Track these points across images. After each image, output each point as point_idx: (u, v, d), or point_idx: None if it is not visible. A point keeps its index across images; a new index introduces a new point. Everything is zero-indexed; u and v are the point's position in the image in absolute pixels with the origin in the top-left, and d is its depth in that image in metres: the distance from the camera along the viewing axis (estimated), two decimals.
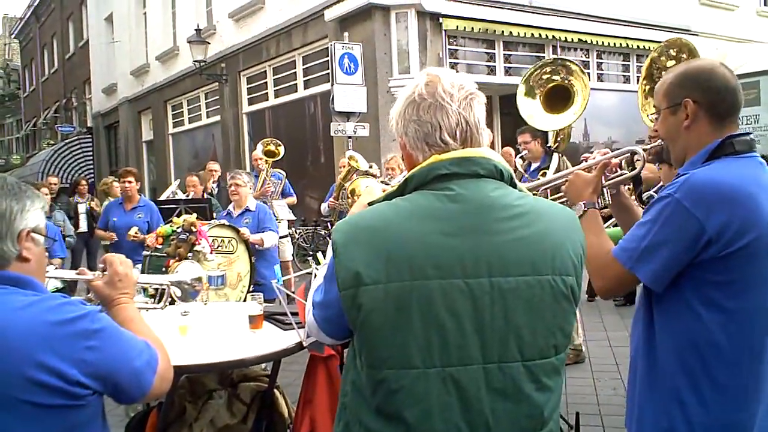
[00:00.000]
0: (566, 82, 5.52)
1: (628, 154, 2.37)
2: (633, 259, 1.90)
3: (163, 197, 9.35)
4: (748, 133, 1.97)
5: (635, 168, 2.37)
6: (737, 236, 1.78)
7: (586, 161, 2.43)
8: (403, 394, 1.44)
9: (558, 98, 5.53)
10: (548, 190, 2.70)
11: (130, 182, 6.94)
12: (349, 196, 6.79)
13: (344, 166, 8.04)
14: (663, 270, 1.86)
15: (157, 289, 2.78)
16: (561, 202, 2.65)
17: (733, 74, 1.97)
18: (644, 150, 2.34)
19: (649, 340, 1.98)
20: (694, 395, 1.85)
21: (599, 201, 2.29)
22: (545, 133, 5.94)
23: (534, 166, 6.01)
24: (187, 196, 8.81)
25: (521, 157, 6.15)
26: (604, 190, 2.32)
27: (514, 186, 1.57)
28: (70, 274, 2.37)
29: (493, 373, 1.44)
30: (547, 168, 5.78)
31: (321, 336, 1.65)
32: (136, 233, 6.60)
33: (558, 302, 1.48)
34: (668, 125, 2.03)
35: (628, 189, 2.59)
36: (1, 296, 1.55)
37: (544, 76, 5.55)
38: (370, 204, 1.61)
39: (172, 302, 2.60)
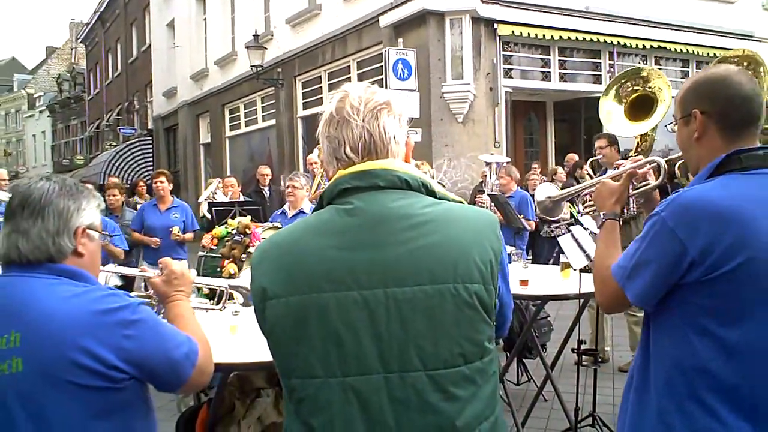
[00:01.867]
0: (651, 91, 5.40)
1: (655, 165, 2.32)
2: (624, 276, 1.85)
3: (202, 197, 9.54)
4: (763, 147, 1.83)
5: (667, 176, 2.33)
6: (724, 259, 1.68)
7: (617, 169, 2.39)
8: (308, 403, 1.49)
9: (641, 106, 5.42)
10: (586, 198, 2.69)
11: (162, 182, 7.13)
12: None
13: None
14: (647, 290, 1.80)
15: (212, 290, 2.89)
16: (593, 210, 2.65)
17: (752, 81, 1.87)
18: (667, 160, 2.29)
19: (644, 359, 1.91)
20: (680, 418, 1.77)
21: (624, 210, 2.25)
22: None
23: (609, 172, 5.96)
24: (225, 196, 8.97)
25: (596, 161, 6.11)
26: (631, 199, 2.28)
27: (432, 193, 1.57)
28: (132, 271, 2.54)
29: (394, 383, 1.44)
30: None
31: None
32: (178, 233, 6.77)
33: (461, 311, 1.46)
34: (682, 137, 1.95)
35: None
36: (54, 286, 1.70)
37: (631, 85, 5.43)
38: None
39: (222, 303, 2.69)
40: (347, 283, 1.46)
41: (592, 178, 5.80)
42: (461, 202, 1.62)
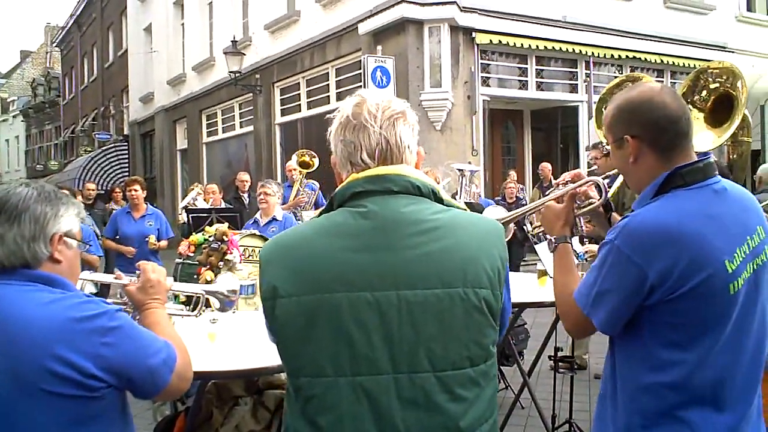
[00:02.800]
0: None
1: (593, 183, 2.30)
2: (588, 305, 1.84)
3: (183, 203, 9.49)
4: (702, 159, 1.85)
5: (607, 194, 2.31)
6: (682, 279, 1.70)
7: (558, 188, 2.37)
8: (316, 401, 1.51)
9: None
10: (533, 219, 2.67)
11: (135, 191, 7.06)
12: None
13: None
14: (612, 317, 1.80)
15: (188, 297, 2.87)
16: (542, 232, 2.63)
17: (675, 98, 1.87)
18: (604, 178, 2.29)
19: (612, 378, 1.91)
20: None
21: (574, 231, 2.23)
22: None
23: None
24: (206, 203, 8.93)
25: (591, 172, 6.11)
26: (577, 219, 2.27)
27: (440, 201, 1.61)
28: (107, 278, 2.50)
29: (403, 383, 1.48)
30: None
31: (272, 340, 1.72)
32: (154, 242, 6.73)
33: (470, 315, 1.51)
34: (617, 159, 1.96)
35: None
36: (29, 292, 1.68)
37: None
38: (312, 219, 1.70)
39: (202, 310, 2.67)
40: (360, 285, 1.49)
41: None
42: (465, 210, 1.66)
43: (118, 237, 7.16)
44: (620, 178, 5.35)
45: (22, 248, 1.70)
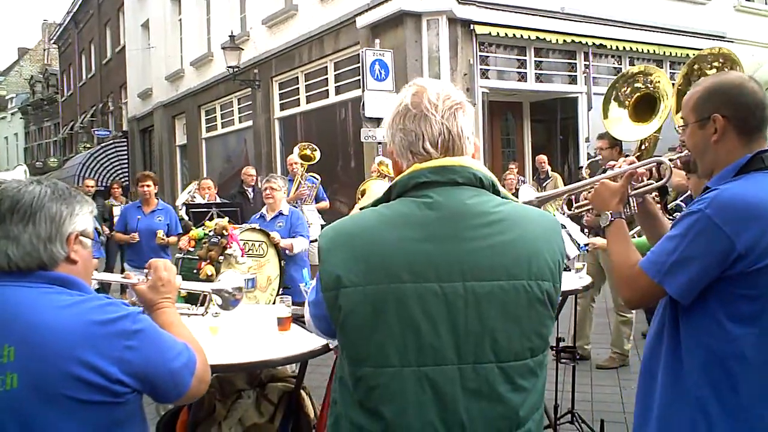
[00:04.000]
0: (651, 89, 5.36)
1: (654, 164, 2.37)
2: (662, 272, 1.91)
3: (180, 200, 9.48)
4: None
5: (662, 177, 2.37)
6: (766, 252, 1.80)
7: (612, 170, 2.42)
8: (380, 391, 1.51)
9: (645, 107, 5.41)
10: (574, 198, 2.71)
11: (148, 186, 7.05)
12: (360, 196, 6.86)
13: (375, 172, 8.11)
14: (691, 284, 1.87)
15: (189, 293, 2.85)
16: (586, 211, 2.68)
17: (762, 89, 1.97)
18: (670, 160, 2.33)
19: (674, 352, 1.97)
20: (719, 406, 1.85)
21: (625, 210, 2.29)
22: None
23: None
24: (202, 198, 8.93)
25: (596, 162, 6.15)
26: (630, 199, 2.32)
27: (498, 193, 1.62)
28: (116, 278, 2.45)
29: (467, 374, 1.50)
30: None
31: (317, 332, 1.75)
32: (163, 236, 6.74)
33: (533, 307, 1.53)
34: (696, 139, 2.04)
35: (654, 197, 2.59)
36: (48, 295, 1.62)
37: (629, 88, 5.42)
38: (361, 209, 1.68)
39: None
40: (428, 275, 1.49)
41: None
42: (518, 203, 1.68)
43: (126, 233, 7.15)
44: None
45: (38, 249, 1.65)
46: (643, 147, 5.73)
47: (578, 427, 4.38)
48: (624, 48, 13.41)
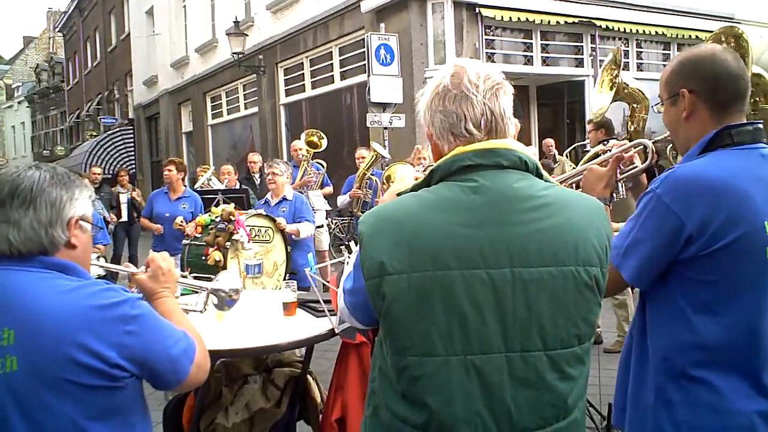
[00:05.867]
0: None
1: (641, 147, 2.31)
2: (620, 256, 1.84)
3: (197, 185, 9.49)
4: (753, 123, 1.85)
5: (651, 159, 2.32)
6: (720, 233, 1.70)
7: (602, 155, 2.39)
8: (425, 381, 1.47)
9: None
10: (573, 186, 2.69)
11: (169, 170, 7.09)
12: (384, 182, 6.82)
13: (361, 158, 8.08)
14: (643, 267, 1.81)
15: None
16: None
17: (737, 59, 1.86)
18: (654, 142, 2.28)
19: (641, 339, 1.92)
20: (681, 395, 1.79)
21: (614, 195, 2.25)
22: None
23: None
24: (221, 183, 8.94)
25: (582, 146, 6.21)
26: (619, 183, 2.28)
27: (540, 176, 1.57)
28: (116, 267, 2.47)
29: (515, 362, 1.46)
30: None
31: (353, 321, 1.70)
32: (181, 222, 6.76)
33: (581, 293, 1.48)
34: (669, 117, 1.95)
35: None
36: (47, 280, 1.62)
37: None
38: (399, 194, 1.62)
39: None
40: (475, 261, 1.45)
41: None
42: (560, 186, 1.63)
43: (152, 218, 7.19)
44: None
45: (39, 234, 1.64)
46: (631, 129, 5.72)
47: (586, 411, 4.37)
48: (631, 30, 13.30)
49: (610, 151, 2.39)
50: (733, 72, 1.83)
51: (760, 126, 1.86)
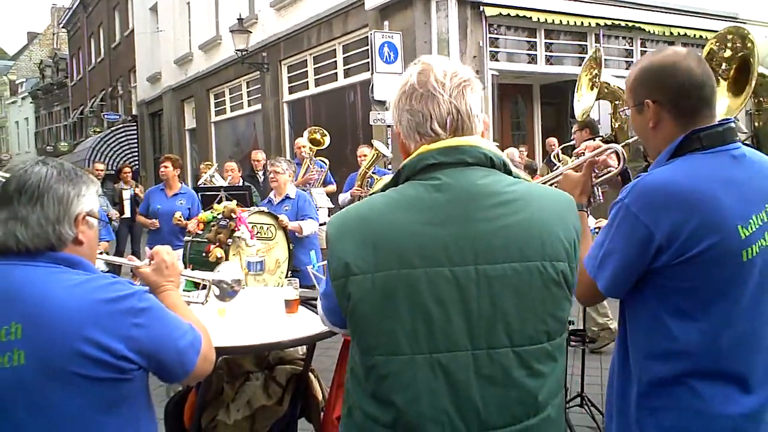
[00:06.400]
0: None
1: (612, 151, 2.26)
2: (595, 267, 1.84)
3: (200, 182, 9.49)
4: (724, 123, 1.82)
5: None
6: (691, 242, 1.67)
7: (578, 158, 2.34)
8: (391, 380, 1.48)
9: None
10: None
11: (166, 167, 7.16)
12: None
13: (363, 156, 8.09)
14: (617, 278, 1.79)
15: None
16: None
17: (701, 64, 1.82)
18: (624, 146, 2.26)
19: (622, 347, 1.90)
20: (665, 401, 1.77)
21: (591, 199, 2.23)
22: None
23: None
24: (224, 180, 8.93)
25: (572, 146, 6.17)
26: (595, 188, 2.25)
27: (509, 173, 1.57)
28: (120, 260, 2.48)
29: (481, 360, 1.46)
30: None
31: (329, 325, 1.72)
32: (180, 218, 6.78)
33: (548, 288, 1.48)
34: (637, 123, 1.94)
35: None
36: (54, 275, 1.63)
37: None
38: (371, 194, 1.65)
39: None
40: (439, 259, 1.45)
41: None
42: (531, 182, 1.64)
43: (149, 214, 7.22)
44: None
45: (47, 230, 1.65)
46: (615, 126, 5.72)
47: (588, 411, 4.37)
48: (635, 29, 13.26)
49: (584, 154, 2.34)
50: (697, 80, 1.79)
51: (732, 125, 1.83)
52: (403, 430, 1.47)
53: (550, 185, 2.41)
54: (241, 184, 8.62)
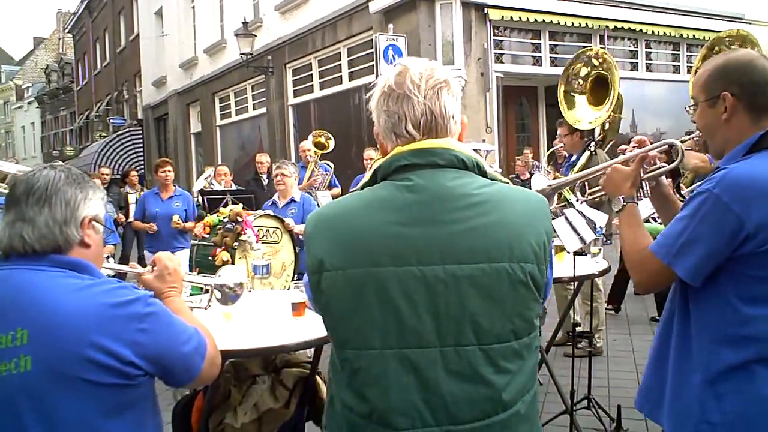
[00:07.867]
0: (604, 71, 5.48)
1: (666, 147, 2.35)
2: (671, 254, 1.90)
3: (197, 186, 9.52)
4: None
5: (674, 160, 2.35)
6: None
7: (624, 154, 2.40)
8: (363, 374, 1.52)
9: (599, 89, 5.51)
10: (586, 184, 2.69)
11: (169, 171, 7.20)
12: None
13: (370, 159, 8.12)
14: (700, 265, 1.86)
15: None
16: (599, 196, 2.67)
17: None
18: (682, 142, 2.31)
19: (684, 336, 1.97)
20: (729, 386, 1.84)
21: (638, 194, 2.27)
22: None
23: (573, 158, 6.05)
24: (218, 184, 8.96)
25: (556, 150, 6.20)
26: (643, 183, 2.31)
27: (484, 174, 1.59)
28: (122, 268, 2.48)
29: (449, 356, 1.49)
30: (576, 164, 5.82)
31: (315, 310, 1.73)
32: (178, 221, 6.81)
33: (515, 289, 1.50)
34: (706, 118, 2.01)
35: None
36: (60, 279, 1.63)
37: (583, 71, 5.52)
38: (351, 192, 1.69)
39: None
40: (408, 259, 1.49)
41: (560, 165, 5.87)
42: (508, 183, 1.65)
43: (145, 218, 7.25)
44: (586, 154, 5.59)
45: (54, 232, 1.66)
46: (606, 127, 5.80)
47: (595, 413, 4.36)
48: (640, 30, 13.25)
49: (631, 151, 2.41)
50: None
51: None
52: (378, 421, 1.51)
53: (599, 176, 2.47)
54: (233, 187, 8.66)
